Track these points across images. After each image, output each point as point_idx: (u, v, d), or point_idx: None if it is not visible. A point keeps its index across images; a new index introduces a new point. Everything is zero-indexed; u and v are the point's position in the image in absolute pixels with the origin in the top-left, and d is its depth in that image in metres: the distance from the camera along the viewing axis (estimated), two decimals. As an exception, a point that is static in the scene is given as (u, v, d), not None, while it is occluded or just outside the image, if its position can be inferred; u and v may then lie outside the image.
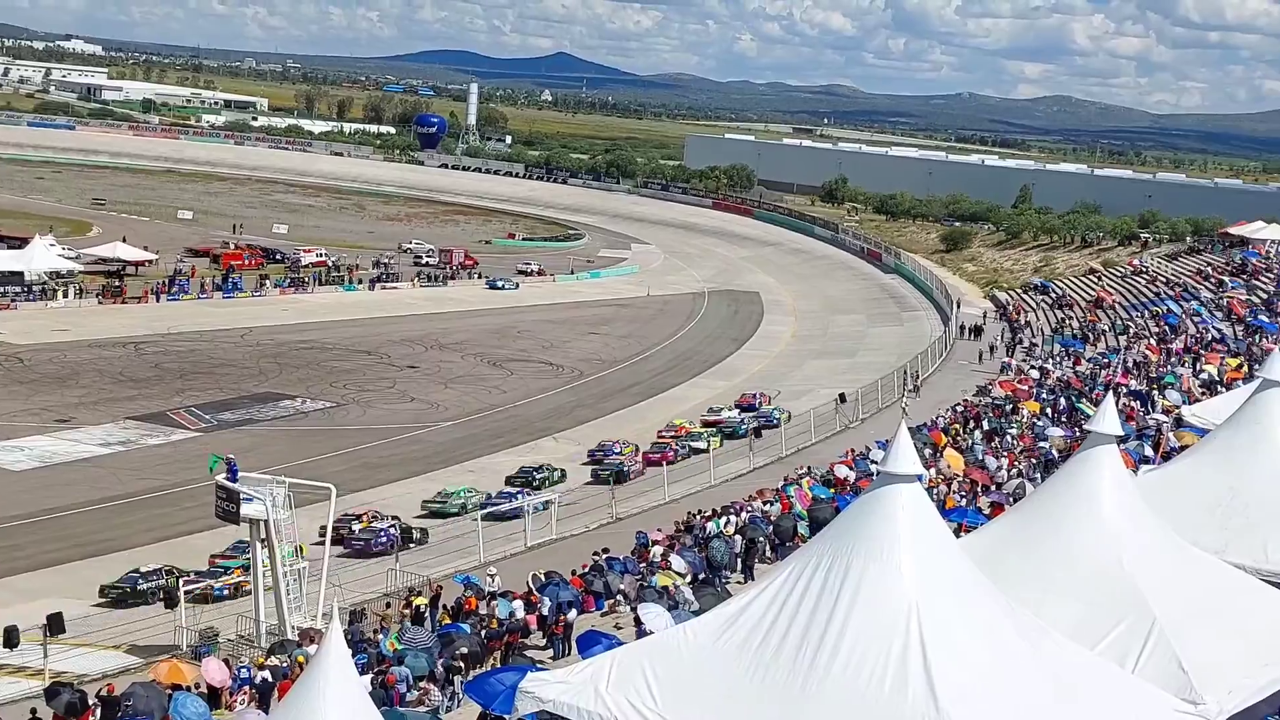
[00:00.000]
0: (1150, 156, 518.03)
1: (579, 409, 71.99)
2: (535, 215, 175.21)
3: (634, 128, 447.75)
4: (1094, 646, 15.80)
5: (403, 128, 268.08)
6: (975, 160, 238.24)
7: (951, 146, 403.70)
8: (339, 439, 61.70)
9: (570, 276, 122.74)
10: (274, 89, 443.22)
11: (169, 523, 47.80)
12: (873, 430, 55.57)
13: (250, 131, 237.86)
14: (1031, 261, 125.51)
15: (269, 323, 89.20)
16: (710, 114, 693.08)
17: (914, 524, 14.46)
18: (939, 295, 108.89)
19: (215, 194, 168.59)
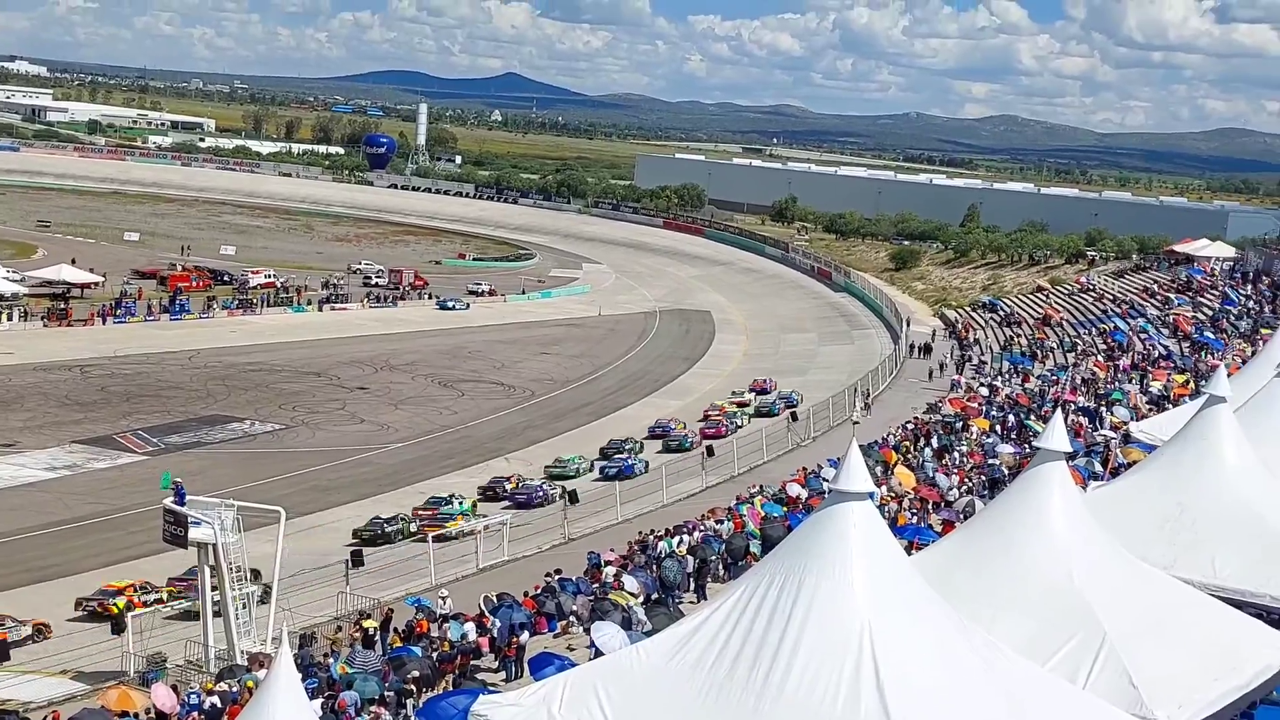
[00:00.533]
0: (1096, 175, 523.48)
1: (530, 429, 71.82)
2: (486, 235, 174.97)
3: (584, 148, 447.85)
4: (1045, 662, 15.88)
5: (351, 148, 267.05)
6: (923, 179, 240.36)
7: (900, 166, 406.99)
8: (288, 461, 61.21)
9: (521, 296, 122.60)
10: (221, 110, 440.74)
11: (116, 547, 47.22)
12: (824, 448, 55.73)
13: (197, 153, 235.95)
14: (980, 279, 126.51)
15: (217, 345, 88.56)
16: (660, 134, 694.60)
17: (866, 542, 14.47)
18: (889, 313, 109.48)
19: (162, 215, 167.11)
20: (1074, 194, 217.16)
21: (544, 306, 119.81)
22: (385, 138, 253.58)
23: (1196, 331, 70.84)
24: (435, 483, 58.85)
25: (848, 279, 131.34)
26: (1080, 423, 47.70)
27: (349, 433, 68.36)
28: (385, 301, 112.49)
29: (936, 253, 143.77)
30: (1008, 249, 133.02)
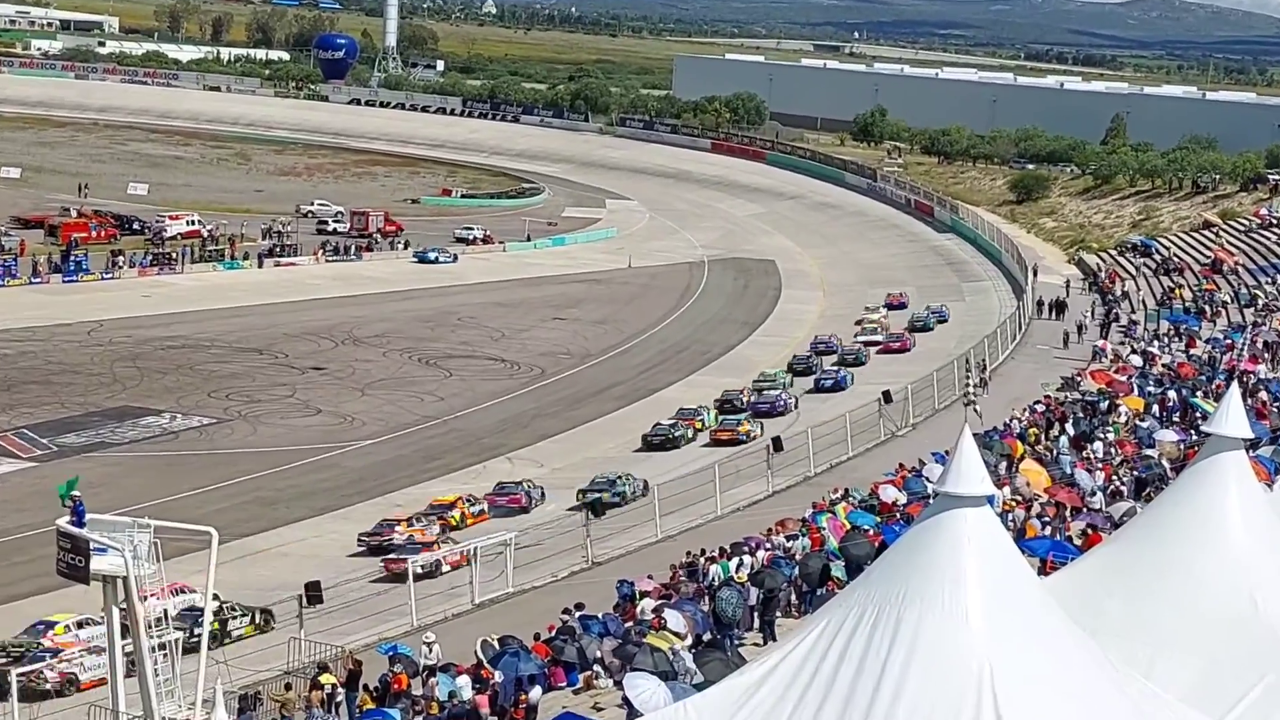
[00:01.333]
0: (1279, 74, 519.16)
1: (541, 419, 71.88)
2: (478, 165, 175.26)
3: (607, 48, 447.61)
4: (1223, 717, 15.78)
5: (300, 53, 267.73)
6: (1052, 84, 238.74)
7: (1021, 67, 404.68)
8: (221, 467, 61.36)
9: (526, 245, 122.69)
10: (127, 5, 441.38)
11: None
12: (927, 440, 55.47)
13: (96, 61, 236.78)
14: (1128, 214, 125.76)
15: (125, 314, 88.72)
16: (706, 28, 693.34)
17: (984, 560, 14.41)
18: (1009, 260, 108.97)
19: (51, 144, 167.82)
20: (1250, 99, 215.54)
21: (556, 257, 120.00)
22: (343, 39, 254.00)
23: None
24: (416, 492, 58.94)
25: (955, 216, 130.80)
26: (1263, 400, 47.39)
27: (301, 428, 68.47)
28: (347, 253, 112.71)
29: (1071, 180, 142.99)
30: (1164, 173, 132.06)
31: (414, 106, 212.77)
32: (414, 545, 47.50)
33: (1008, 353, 78.48)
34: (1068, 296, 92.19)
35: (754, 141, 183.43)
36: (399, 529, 50.42)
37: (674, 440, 66.28)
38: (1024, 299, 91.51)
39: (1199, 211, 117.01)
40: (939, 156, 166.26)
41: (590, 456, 64.48)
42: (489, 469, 62.92)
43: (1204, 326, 75.53)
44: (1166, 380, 57.10)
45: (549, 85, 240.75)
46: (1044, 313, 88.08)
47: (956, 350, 78.12)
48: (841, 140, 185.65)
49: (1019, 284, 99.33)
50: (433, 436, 68.40)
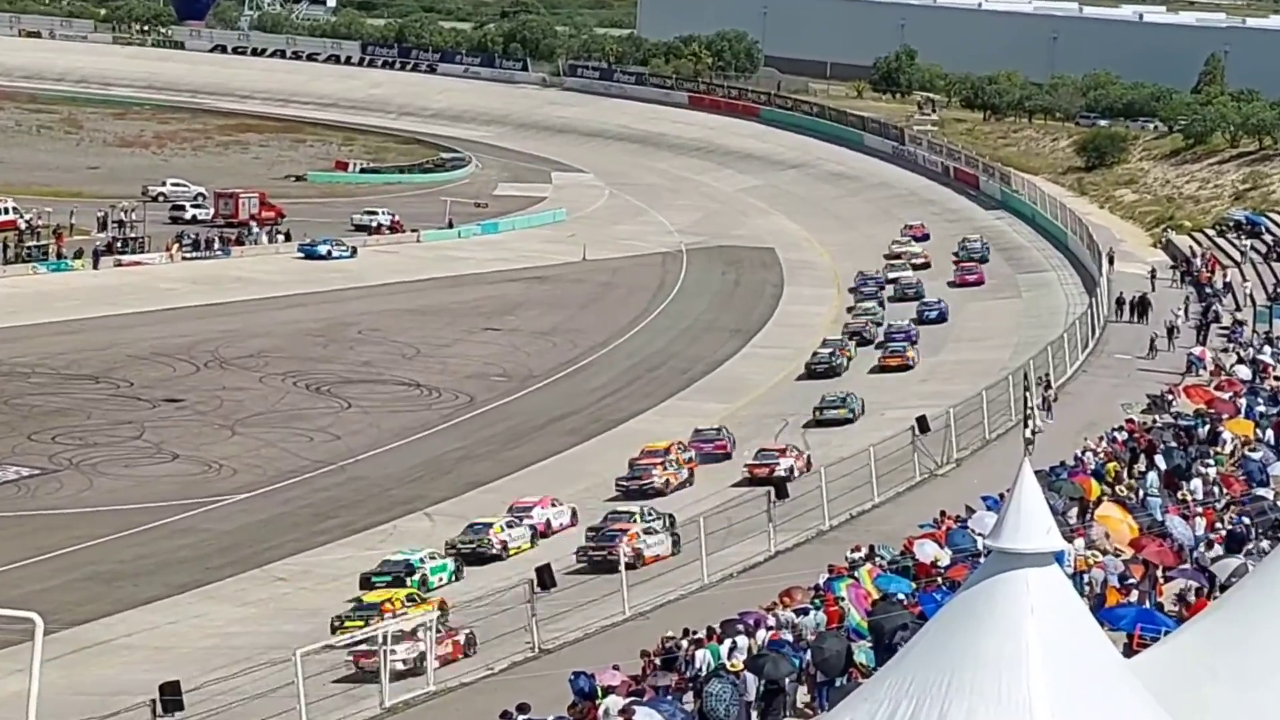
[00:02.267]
0: None
1: (468, 462, 72.09)
2: (383, 129, 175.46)
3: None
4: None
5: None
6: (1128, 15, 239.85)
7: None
8: (47, 533, 61.25)
9: (448, 233, 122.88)
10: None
11: None
12: (975, 479, 55.61)
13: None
14: (1229, 183, 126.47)
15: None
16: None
17: (1051, 636, 14.45)
18: (1078, 244, 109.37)
19: None
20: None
21: (488, 249, 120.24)
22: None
23: None
24: (305, 560, 58.87)
25: (1007, 187, 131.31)
26: None
27: (153, 479, 68.42)
28: (210, 248, 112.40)
29: (1155, 139, 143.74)
30: (1275, 130, 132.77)
31: (298, 54, 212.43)
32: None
33: (1078, 365, 78.69)
34: (1153, 291, 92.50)
35: (744, 94, 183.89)
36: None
37: (834, 369, 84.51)
38: (1097, 294, 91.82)
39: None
40: (985, 111, 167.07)
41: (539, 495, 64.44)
42: (401, 529, 62.91)
43: (1331, 327, 75.89)
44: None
45: (475, 24, 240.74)
46: (1124, 313, 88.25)
47: (1013, 362, 78.36)
48: (859, 91, 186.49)
49: (1091, 275, 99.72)
50: (327, 488, 68.38)
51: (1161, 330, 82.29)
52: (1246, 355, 70.82)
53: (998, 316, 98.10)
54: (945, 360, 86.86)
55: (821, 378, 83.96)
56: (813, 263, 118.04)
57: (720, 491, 62.96)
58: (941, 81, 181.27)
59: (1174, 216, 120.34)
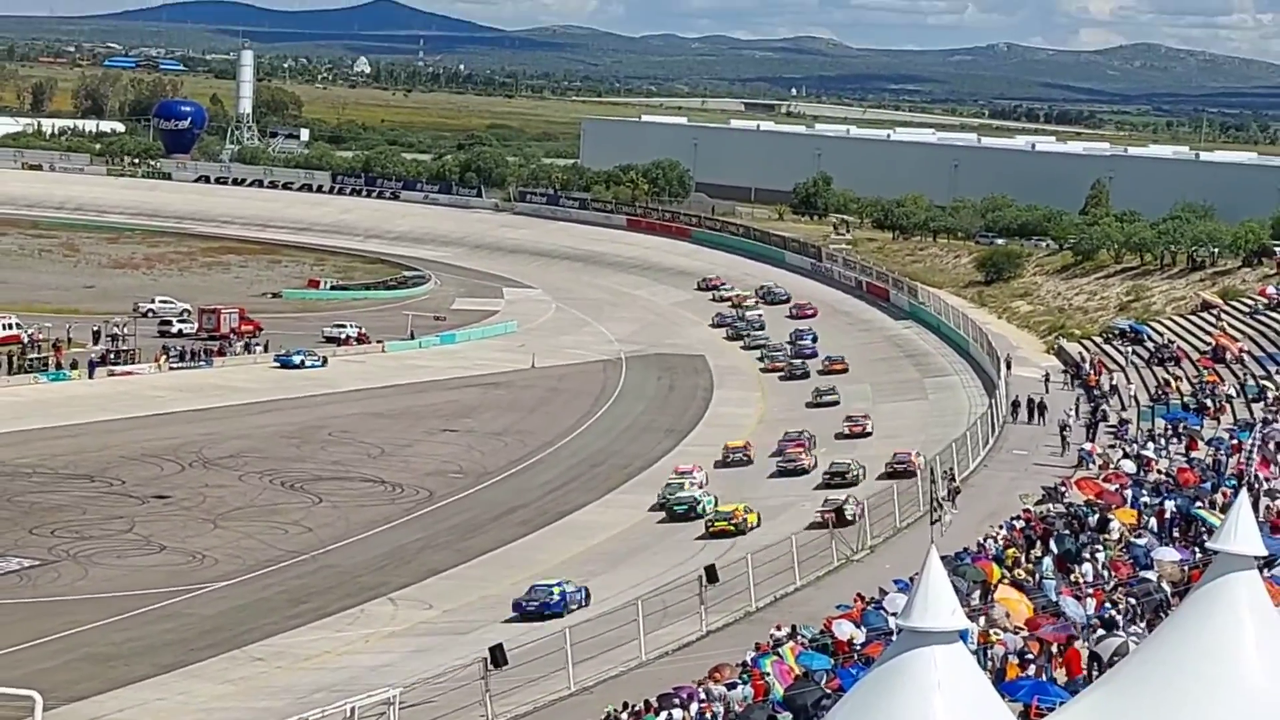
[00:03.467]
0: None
1: (429, 551, 71.71)
2: (351, 250, 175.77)
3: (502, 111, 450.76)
4: None
5: (137, 124, 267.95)
6: (1021, 145, 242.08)
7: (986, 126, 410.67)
8: (46, 618, 60.69)
9: (410, 344, 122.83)
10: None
11: None
12: (888, 564, 55.62)
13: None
14: (1115, 295, 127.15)
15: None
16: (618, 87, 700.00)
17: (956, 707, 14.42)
18: (979, 351, 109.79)
19: None
20: (1251, 160, 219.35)
21: (445, 358, 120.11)
22: (189, 105, 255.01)
23: None
24: (280, 642, 58.51)
25: (914, 300, 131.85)
26: (1277, 510, 47.78)
27: (142, 569, 67.88)
28: (195, 359, 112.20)
29: (1047, 256, 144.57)
30: (1154, 247, 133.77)
31: (274, 184, 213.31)
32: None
33: (980, 460, 78.82)
34: (1047, 393, 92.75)
35: (677, 217, 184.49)
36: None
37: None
38: (996, 396, 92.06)
39: (1196, 291, 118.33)
40: (894, 231, 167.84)
41: (488, 594, 64.32)
42: (368, 612, 62.57)
43: (1206, 425, 76.11)
44: (1164, 489, 57.44)
45: (434, 156, 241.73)
46: (1018, 416, 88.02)
47: (920, 458, 78.39)
48: (780, 214, 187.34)
49: (990, 379, 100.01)
50: (300, 575, 67.92)
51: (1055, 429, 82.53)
52: (1131, 451, 70.99)
53: (907, 416, 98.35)
54: (859, 455, 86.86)
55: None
56: (739, 368, 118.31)
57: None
58: (855, 204, 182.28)
59: (1065, 325, 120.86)
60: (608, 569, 67.34)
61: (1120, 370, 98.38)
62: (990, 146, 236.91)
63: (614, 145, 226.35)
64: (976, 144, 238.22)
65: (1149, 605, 39.59)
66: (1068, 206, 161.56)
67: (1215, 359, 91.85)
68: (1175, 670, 17.90)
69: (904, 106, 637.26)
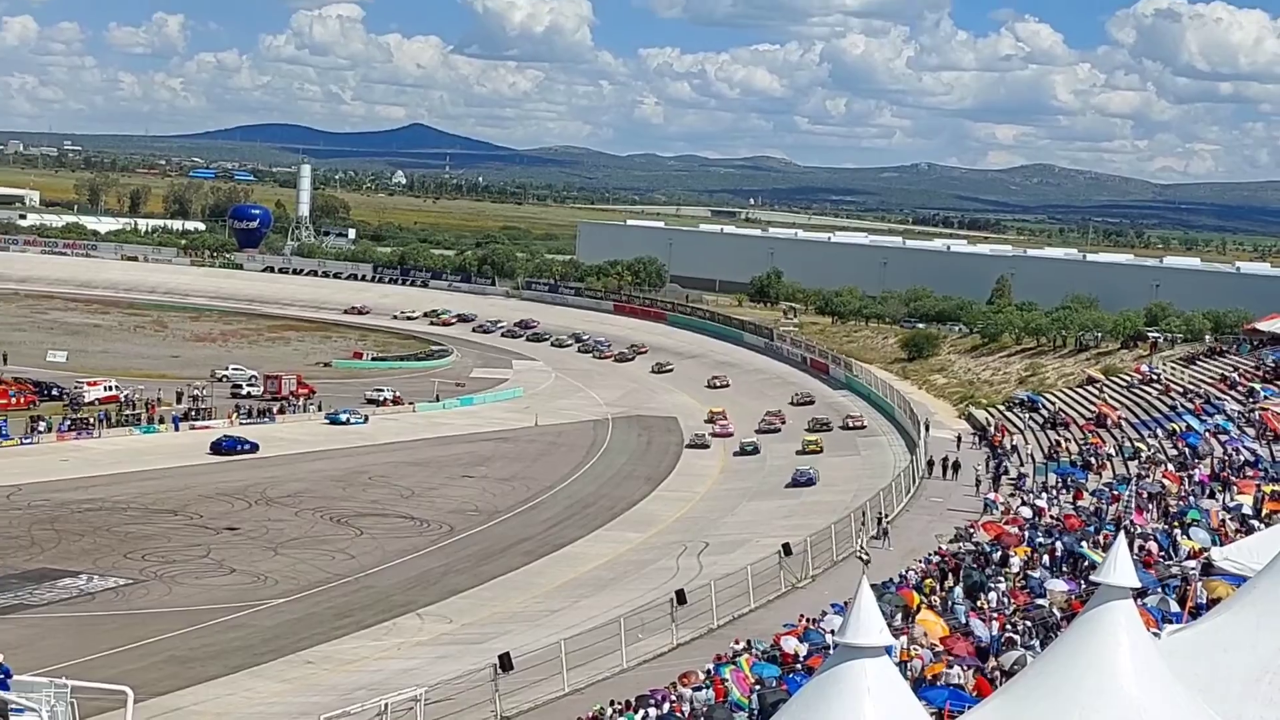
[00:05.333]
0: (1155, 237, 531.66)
1: (450, 575, 71.30)
2: (388, 329, 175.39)
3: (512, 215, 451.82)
4: None
5: (215, 223, 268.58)
6: (939, 247, 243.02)
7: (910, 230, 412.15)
8: (137, 627, 60.36)
9: (435, 405, 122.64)
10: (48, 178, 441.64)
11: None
12: (827, 591, 55.44)
13: (18, 233, 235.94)
14: (1015, 370, 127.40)
15: (43, 478, 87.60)
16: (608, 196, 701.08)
17: (883, 710, 14.40)
18: (902, 415, 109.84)
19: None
20: (1129, 261, 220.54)
21: (465, 417, 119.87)
22: (258, 209, 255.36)
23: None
24: (327, 649, 58.26)
25: (849, 373, 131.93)
26: (1149, 550, 47.77)
27: (215, 587, 67.52)
28: (261, 416, 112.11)
29: (959, 338, 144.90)
30: (1048, 331, 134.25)
31: (326, 273, 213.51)
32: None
33: (903, 505, 78.64)
34: (959, 452, 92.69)
35: (655, 303, 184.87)
36: None
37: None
38: (917, 453, 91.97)
39: (1082, 368, 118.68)
40: (833, 316, 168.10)
41: (499, 611, 64.10)
42: (399, 625, 62.29)
43: (1090, 478, 76.13)
44: (1055, 531, 57.42)
45: (457, 251, 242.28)
46: (934, 472, 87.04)
47: (854, 503, 78.31)
48: (739, 301, 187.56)
49: (912, 439, 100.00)
50: (344, 594, 67.55)
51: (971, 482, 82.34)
52: (1028, 499, 70.95)
53: (843, 469, 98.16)
54: (804, 501, 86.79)
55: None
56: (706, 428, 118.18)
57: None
58: (801, 294, 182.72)
59: (974, 395, 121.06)
60: (596, 592, 67.11)
61: (1019, 433, 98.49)
62: (913, 247, 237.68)
63: (604, 244, 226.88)
64: (902, 245, 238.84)
65: (1042, 627, 39.52)
66: (977, 297, 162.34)
67: (1098, 424, 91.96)
68: (1064, 680, 17.94)
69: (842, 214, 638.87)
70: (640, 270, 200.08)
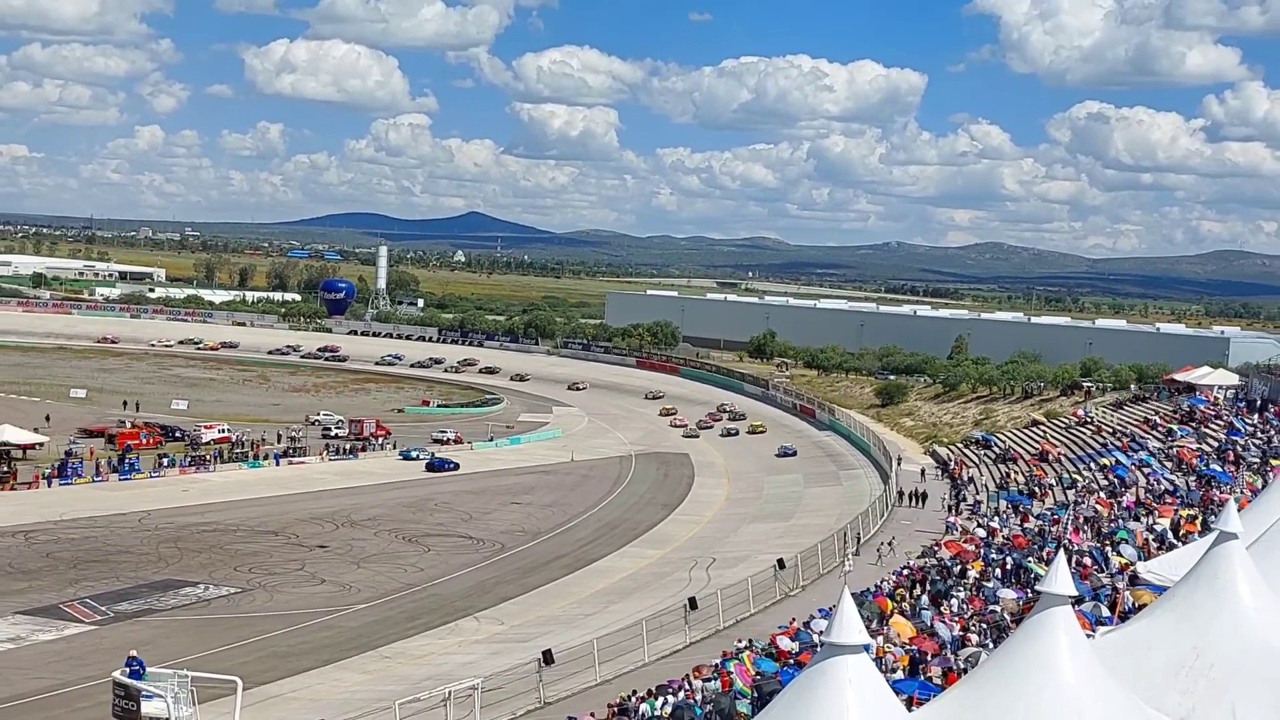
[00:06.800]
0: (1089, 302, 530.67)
1: (501, 585, 71.14)
2: (451, 381, 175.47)
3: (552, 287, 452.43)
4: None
5: (309, 294, 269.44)
6: (907, 311, 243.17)
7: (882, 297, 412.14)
8: (245, 627, 60.37)
9: (489, 444, 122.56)
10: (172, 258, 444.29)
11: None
12: (814, 598, 55.24)
13: (147, 304, 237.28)
14: (971, 414, 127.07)
15: (168, 505, 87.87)
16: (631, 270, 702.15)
17: (863, 698, 14.34)
18: (877, 452, 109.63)
19: (110, 370, 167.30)
20: (1066, 323, 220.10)
21: (513, 454, 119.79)
22: (344, 282, 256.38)
23: (1203, 464, 71.06)
24: (400, 646, 58.16)
25: (832, 416, 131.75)
26: (1084, 564, 47.46)
27: (309, 594, 67.56)
28: (345, 453, 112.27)
29: (924, 387, 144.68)
30: (999, 381, 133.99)
31: (400, 335, 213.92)
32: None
33: (878, 527, 78.41)
34: (924, 482, 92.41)
35: (670, 359, 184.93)
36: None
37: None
38: (889, 484, 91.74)
39: (1028, 412, 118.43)
40: (818, 369, 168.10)
41: (541, 615, 63.91)
42: (459, 627, 62.16)
43: (1034, 504, 75.75)
44: (1006, 549, 57.16)
45: (507, 317, 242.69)
46: (904, 501, 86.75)
47: (836, 525, 78.08)
48: (740, 357, 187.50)
49: (885, 471, 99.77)
50: (414, 600, 67.47)
51: (944, 507, 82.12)
52: (983, 522, 70.65)
53: (827, 497, 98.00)
54: (795, 524, 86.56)
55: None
56: (712, 463, 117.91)
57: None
58: (791, 351, 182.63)
59: (937, 435, 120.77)
60: (622, 599, 66.86)
61: (975, 466, 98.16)
62: (885, 312, 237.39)
63: (628, 310, 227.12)
64: (876, 310, 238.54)
65: (996, 628, 39.32)
66: (939, 353, 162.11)
67: (1041, 459, 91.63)
68: (1013, 675, 17.81)
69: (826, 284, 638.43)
70: (658, 331, 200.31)
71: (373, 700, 48.14)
